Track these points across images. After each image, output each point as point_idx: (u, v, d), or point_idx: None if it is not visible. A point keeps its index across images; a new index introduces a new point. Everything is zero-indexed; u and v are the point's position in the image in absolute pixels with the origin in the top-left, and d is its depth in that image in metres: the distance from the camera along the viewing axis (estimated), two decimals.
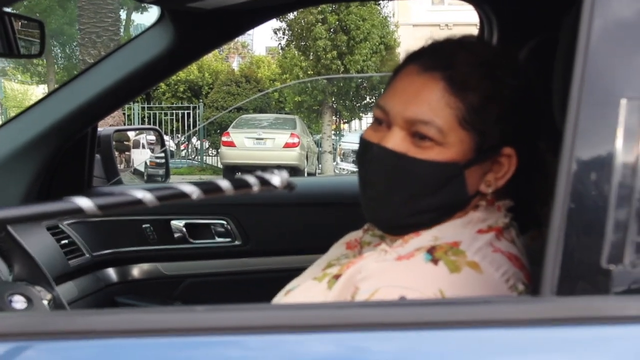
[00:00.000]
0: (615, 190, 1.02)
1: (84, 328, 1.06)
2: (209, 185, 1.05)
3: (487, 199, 1.47)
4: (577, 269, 1.03)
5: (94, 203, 0.98)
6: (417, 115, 1.40)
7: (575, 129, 1.03)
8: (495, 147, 1.44)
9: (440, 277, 1.32)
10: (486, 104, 1.41)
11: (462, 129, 1.40)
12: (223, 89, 24.65)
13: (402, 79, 1.47)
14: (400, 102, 1.44)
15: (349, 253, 1.62)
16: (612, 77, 1.05)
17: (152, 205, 1.02)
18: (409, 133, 1.42)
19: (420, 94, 1.42)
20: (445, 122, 1.39)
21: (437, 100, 1.40)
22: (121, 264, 2.76)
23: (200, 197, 1.03)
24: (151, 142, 3.92)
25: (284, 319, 1.06)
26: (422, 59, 1.46)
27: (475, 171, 1.44)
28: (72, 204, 0.98)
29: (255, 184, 1.06)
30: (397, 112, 1.43)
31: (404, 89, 1.45)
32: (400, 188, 1.43)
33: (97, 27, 13.51)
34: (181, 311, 1.10)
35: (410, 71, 1.46)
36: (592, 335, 1.02)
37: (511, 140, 1.44)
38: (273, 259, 2.82)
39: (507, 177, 1.46)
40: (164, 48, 2.41)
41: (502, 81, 1.43)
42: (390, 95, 1.47)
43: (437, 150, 1.40)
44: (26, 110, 2.49)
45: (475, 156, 1.42)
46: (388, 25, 23.63)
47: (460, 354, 1.02)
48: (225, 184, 1.05)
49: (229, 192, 1.05)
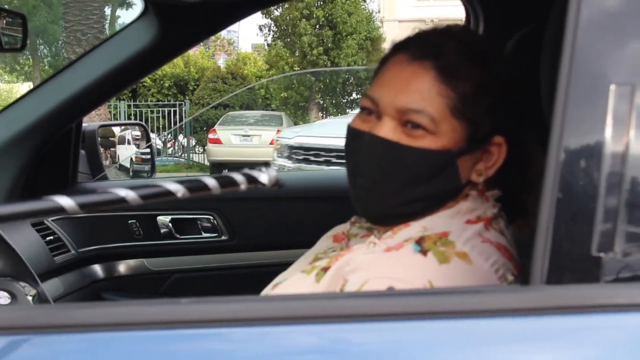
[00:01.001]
0: (604, 177, 1.01)
1: (68, 322, 1.04)
2: (195, 183, 1.03)
3: (478, 188, 1.46)
4: (567, 258, 1.02)
5: (75, 202, 0.97)
6: (408, 105, 1.39)
7: (563, 117, 1.02)
8: (486, 136, 1.43)
9: (430, 268, 1.31)
10: (478, 92, 1.40)
11: (454, 117, 1.39)
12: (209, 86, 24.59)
13: (390, 68, 1.46)
14: (391, 92, 1.42)
15: (336, 246, 1.61)
16: (600, 63, 1.04)
17: (136, 204, 1.00)
18: (400, 122, 1.41)
19: (411, 83, 1.41)
20: (437, 110, 1.39)
21: (428, 90, 1.39)
22: (107, 260, 2.75)
23: (185, 196, 1.02)
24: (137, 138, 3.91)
25: (271, 310, 1.04)
26: (410, 48, 1.45)
27: (466, 160, 1.43)
28: (54, 203, 0.96)
29: (242, 182, 1.05)
30: (387, 102, 1.42)
31: (393, 79, 1.44)
32: (393, 177, 1.42)
33: (82, 25, 13.49)
34: (165, 304, 1.08)
35: (398, 60, 1.45)
36: (582, 324, 1.01)
37: (502, 130, 1.44)
38: (260, 254, 2.82)
39: (496, 166, 1.45)
40: (148, 42, 2.39)
41: (492, 70, 1.43)
42: (379, 85, 1.46)
43: (430, 139, 1.39)
44: (10, 106, 2.47)
45: (467, 145, 1.41)
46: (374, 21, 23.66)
47: (450, 344, 1.00)
48: (211, 181, 1.03)
49: (215, 190, 1.03)
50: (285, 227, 2.80)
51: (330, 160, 9.50)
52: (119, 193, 0.99)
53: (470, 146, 1.42)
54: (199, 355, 1.01)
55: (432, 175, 1.41)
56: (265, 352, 1.02)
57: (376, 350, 1.01)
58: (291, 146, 10.15)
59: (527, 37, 1.89)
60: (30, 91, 2.50)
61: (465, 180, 1.45)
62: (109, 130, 3.71)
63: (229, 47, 36.40)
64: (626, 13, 1.06)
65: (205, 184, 1.03)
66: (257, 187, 1.07)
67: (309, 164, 9.68)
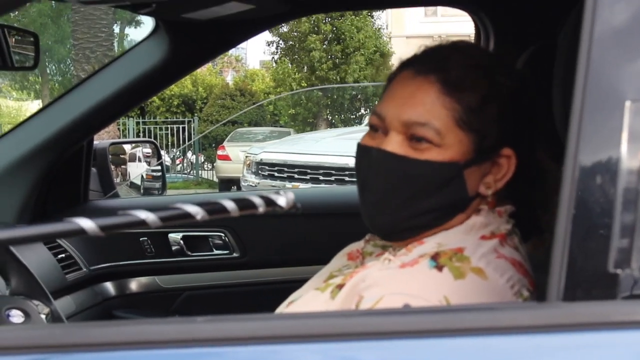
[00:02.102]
0: (620, 193, 1.00)
1: (83, 341, 1.04)
2: (214, 205, 1.04)
3: (487, 201, 1.46)
4: (584, 274, 1.01)
5: (96, 224, 0.97)
6: (413, 118, 1.40)
7: (579, 133, 1.02)
8: (494, 147, 1.43)
9: (445, 283, 1.31)
10: (484, 103, 1.41)
11: (459, 129, 1.40)
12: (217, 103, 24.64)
13: (396, 84, 1.48)
14: (396, 106, 1.43)
15: (350, 264, 1.60)
16: (615, 79, 1.04)
17: (155, 226, 1.00)
18: (406, 137, 1.42)
19: (415, 97, 1.42)
20: (442, 123, 1.39)
21: (432, 102, 1.40)
22: (119, 278, 2.75)
23: (204, 219, 1.02)
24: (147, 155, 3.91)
25: (287, 328, 1.04)
26: (415, 64, 1.47)
27: (474, 172, 1.43)
28: (75, 225, 0.97)
29: (260, 205, 1.05)
30: (392, 116, 1.43)
31: (398, 94, 1.45)
32: (401, 190, 1.42)
33: (90, 43, 13.53)
34: (181, 322, 1.08)
35: (404, 77, 1.46)
36: (599, 341, 1.00)
37: (510, 141, 1.44)
38: (271, 271, 2.81)
39: (506, 178, 1.45)
40: (159, 59, 2.40)
41: (498, 82, 1.43)
42: (385, 101, 1.47)
43: (436, 152, 1.40)
44: (21, 124, 2.48)
45: (474, 157, 1.42)
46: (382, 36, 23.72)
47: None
48: (230, 204, 1.04)
49: (234, 213, 1.04)
50: (297, 244, 2.80)
51: (293, 176, 9.50)
52: (139, 215, 0.99)
53: (478, 157, 1.42)
54: None
55: (439, 187, 1.41)
56: None
57: None
58: (257, 162, 10.15)
59: (538, 53, 1.89)
60: (41, 109, 2.52)
61: (474, 193, 1.45)
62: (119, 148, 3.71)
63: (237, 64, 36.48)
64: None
65: (224, 206, 1.04)
66: (274, 210, 1.07)
67: (274, 180, 9.68)
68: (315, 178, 9.25)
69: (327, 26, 21.68)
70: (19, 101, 36.04)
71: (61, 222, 0.97)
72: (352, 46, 21.80)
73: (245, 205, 1.05)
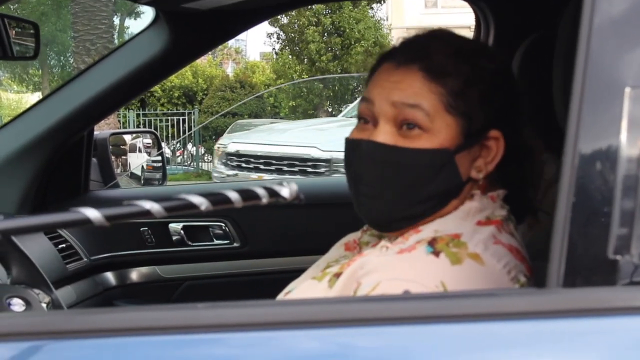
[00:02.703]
0: (620, 180, 1.01)
1: (84, 327, 1.04)
2: (218, 196, 1.04)
3: (479, 185, 1.47)
4: (583, 261, 1.02)
5: (101, 214, 0.97)
6: (403, 99, 1.41)
7: (578, 120, 1.02)
8: (481, 130, 1.44)
9: (442, 269, 1.32)
10: (467, 87, 1.41)
11: (447, 113, 1.40)
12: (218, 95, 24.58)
13: (379, 75, 1.48)
14: (384, 91, 1.44)
15: (348, 254, 1.61)
16: (614, 66, 1.04)
17: (160, 216, 1.01)
18: (396, 124, 1.42)
19: (402, 82, 1.42)
20: (430, 105, 1.40)
21: (420, 87, 1.41)
22: (119, 268, 2.75)
23: (208, 209, 1.03)
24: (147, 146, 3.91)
25: (286, 315, 1.04)
26: (396, 56, 1.47)
27: (465, 157, 1.43)
28: (81, 215, 0.97)
29: (264, 196, 1.05)
30: (382, 100, 1.43)
31: (384, 80, 1.46)
32: (394, 181, 1.43)
33: (91, 35, 13.50)
34: (182, 308, 1.09)
35: (385, 68, 1.47)
36: (599, 327, 1.01)
37: (496, 123, 1.45)
38: (271, 261, 2.82)
39: (496, 160, 1.46)
40: (159, 50, 2.40)
41: (479, 65, 1.44)
42: (372, 87, 1.48)
43: (426, 138, 1.40)
44: (22, 115, 2.48)
45: (463, 141, 1.42)
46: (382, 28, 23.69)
47: (466, 348, 1.00)
48: (234, 195, 1.04)
49: (237, 203, 1.04)
50: (297, 234, 2.80)
51: (259, 167, 9.46)
52: (144, 206, 1.00)
53: (467, 141, 1.43)
54: (217, 359, 1.02)
55: (432, 175, 1.41)
56: (280, 356, 1.02)
57: (389, 354, 1.01)
58: (227, 153, 10.09)
59: (537, 43, 1.89)
60: (41, 100, 2.51)
61: (466, 178, 1.45)
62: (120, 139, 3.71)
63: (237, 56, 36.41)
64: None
65: (228, 197, 1.04)
66: (278, 201, 1.08)
67: (242, 170, 9.61)
68: (279, 169, 9.18)
69: (327, 18, 21.63)
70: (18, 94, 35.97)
71: (67, 212, 0.98)
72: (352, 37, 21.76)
73: (248, 196, 1.05)
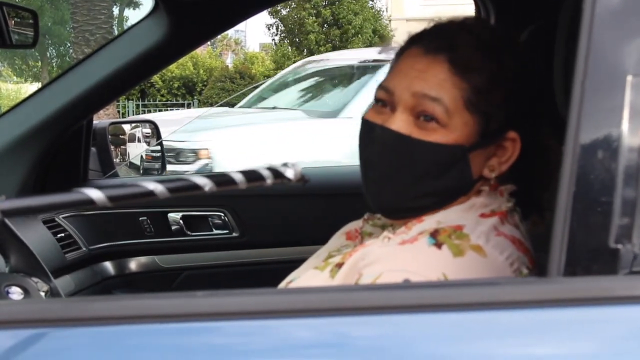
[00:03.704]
0: (622, 168, 1.00)
1: (83, 315, 1.04)
2: (222, 177, 1.04)
3: (490, 184, 1.45)
4: (584, 250, 1.01)
5: (104, 194, 0.97)
6: (425, 90, 1.39)
7: (580, 109, 1.02)
8: (499, 130, 1.42)
9: (444, 261, 1.31)
10: (491, 86, 1.40)
11: (467, 110, 1.39)
12: (217, 85, 24.53)
13: (405, 60, 1.46)
14: (407, 79, 1.42)
15: (349, 244, 1.60)
16: (617, 54, 1.04)
17: (164, 197, 1.00)
18: (414, 114, 1.40)
19: (427, 72, 1.40)
20: (451, 101, 1.38)
21: (444, 80, 1.39)
22: (118, 257, 2.74)
23: (212, 190, 1.02)
24: (147, 135, 3.91)
25: (287, 303, 1.04)
26: (425, 41, 1.45)
27: (479, 155, 1.42)
28: (83, 195, 0.96)
29: (268, 177, 1.05)
30: (403, 89, 1.42)
31: (409, 69, 1.44)
32: (404, 170, 1.41)
33: (90, 25, 13.50)
34: (182, 297, 1.08)
35: (413, 53, 1.45)
36: (600, 316, 1.00)
37: (515, 124, 1.43)
38: (271, 251, 2.81)
39: (510, 161, 1.45)
40: (158, 39, 2.39)
41: (505, 62, 1.42)
42: (394, 75, 1.46)
43: (442, 133, 1.39)
44: (21, 104, 2.47)
45: (479, 140, 1.41)
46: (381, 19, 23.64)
47: (466, 336, 1.00)
48: (238, 176, 1.04)
49: (242, 184, 1.04)
50: (296, 224, 2.79)
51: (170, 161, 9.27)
52: (147, 186, 0.99)
53: (483, 140, 1.41)
54: (215, 347, 1.01)
55: (443, 169, 1.40)
56: (280, 344, 1.02)
57: (390, 343, 1.00)
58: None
59: (538, 32, 1.88)
60: (40, 89, 2.51)
61: (477, 176, 1.44)
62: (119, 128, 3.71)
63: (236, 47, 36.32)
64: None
65: (232, 178, 1.04)
66: (282, 182, 1.07)
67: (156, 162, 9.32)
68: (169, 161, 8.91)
69: (327, 10, 21.60)
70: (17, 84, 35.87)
71: (69, 192, 0.97)
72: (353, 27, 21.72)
73: (253, 177, 1.04)
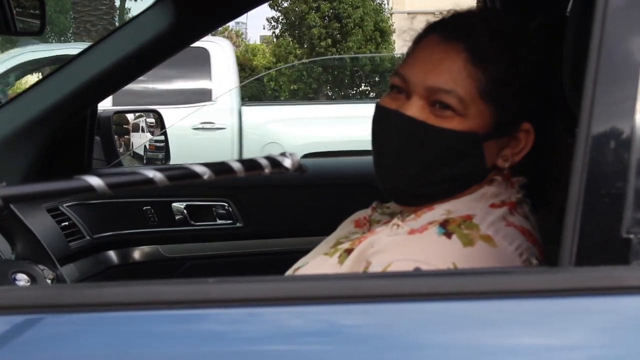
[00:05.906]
0: (634, 158, 1.00)
1: (91, 301, 1.04)
2: (221, 166, 1.04)
3: (503, 173, 1.45)
4: (596, 239, 1.01)
5: (105, 182, 0.97)
6: (439, 84, 1.39)
7: (592, 99, 1.02)
8: (514, 121, 1.43)
9: (454, 250, 1.31)
10: (507, 76, 1.40)
11: (482, 101, 1.39)
12: None
13: (422, 48, 1.46)
14: (422, 71, 1.42)
15: (358, 231, 1.60)
16: (630, 46, 1.04)
17: (163, 185, 1.00)
18: (429, 102, 1.41)
19: (442, 64, 1.40)
20: (466, 92, 1.38)
21: (459, 71, 1.39)
22: (122, 246, 2.74)
23: (211, 178, 1.02)
24: (151, 125, 3.90)
25: (298, 290, 1.04)
26: (442, 29, 1.46)
27: (493, 145, 1.42)
28: (84, 182, 0.96)
29: (266, 166, 1.05)
30: (417, 81, 1.41)
31: (425, 58, 1.44)
32: (417, 156, 1.41)
33: (91, 16, 13.48)
34: (192, 283, 1.08)
35: (431, 41, 1.45)
36: (611, 306, 1.00)
37: (529, 116, 1.43)
38: (274, 241, 2.80)
39: (523, 152, 1.45)
40: (163, 29, 2.38)
41: (522, 54, 1.42)
42: (410, 63, 1.46)
43: (457, 121, 1.39)
44: (25, 92, 2.47)
45: (493, 130, 1.41)
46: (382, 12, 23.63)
47: (477, 325, 1.00)
48: (237, 165, 1.04)
49: (240, 173, 1.04)
50: (300, 214, 2.79)
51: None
52: (147, 174, 0.99)
53: (497, 131, 1.42)
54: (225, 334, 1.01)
55: (457, 157, 1.40)
56: (291, 331, 1.02)
57: (400, 330, 1.01)
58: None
59: (545, 25, 1.88)
60: (43, 78, 2.50)
61: (491, 165, 1.44)
62: (123, 118, 3.71)
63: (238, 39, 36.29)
64: None
65: (231, 167, 1.04)
66: (280, 171, 1.07)
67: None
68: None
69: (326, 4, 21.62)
70: None
71: (70, 179, 0.97)
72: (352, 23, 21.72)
73: (251, 165, 1.05)
